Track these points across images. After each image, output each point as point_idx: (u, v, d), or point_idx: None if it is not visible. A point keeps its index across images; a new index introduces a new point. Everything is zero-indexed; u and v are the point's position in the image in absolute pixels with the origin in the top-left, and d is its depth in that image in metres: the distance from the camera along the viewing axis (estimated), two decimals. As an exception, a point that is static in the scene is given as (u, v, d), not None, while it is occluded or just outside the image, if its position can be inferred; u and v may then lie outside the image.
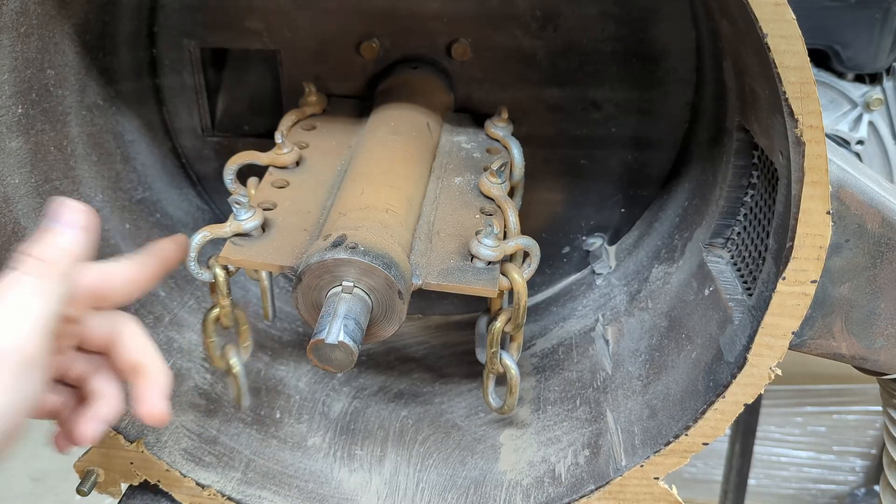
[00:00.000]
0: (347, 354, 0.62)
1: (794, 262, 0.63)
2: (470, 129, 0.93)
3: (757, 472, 1.99)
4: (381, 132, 0.86)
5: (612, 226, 1.05)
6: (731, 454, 1.75)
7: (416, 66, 0.95)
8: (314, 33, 0.95)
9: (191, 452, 0.83)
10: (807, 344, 0.72)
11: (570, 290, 1.06)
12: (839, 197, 0.67)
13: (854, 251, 0.69)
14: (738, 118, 0.77)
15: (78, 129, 0.87)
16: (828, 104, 1.16)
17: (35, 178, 0.79)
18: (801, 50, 0.57)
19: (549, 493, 0.80)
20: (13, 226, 0.76)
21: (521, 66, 0.95)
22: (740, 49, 0.69)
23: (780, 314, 0.66)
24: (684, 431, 0.73)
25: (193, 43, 0.97)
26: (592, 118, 0.97)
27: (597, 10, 0.91)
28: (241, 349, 0.80)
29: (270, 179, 0.82)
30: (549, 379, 0.94)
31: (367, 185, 0.76)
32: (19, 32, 0.74)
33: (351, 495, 0.85)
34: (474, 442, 0.89)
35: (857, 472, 2.01)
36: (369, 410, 0.95)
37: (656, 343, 0.84)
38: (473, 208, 0.79)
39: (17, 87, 0.76)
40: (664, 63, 0.93)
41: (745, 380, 0.69)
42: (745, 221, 0.80)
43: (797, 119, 0.59)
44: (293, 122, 0.91)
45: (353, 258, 0.65)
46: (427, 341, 1.06)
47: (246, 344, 0.80)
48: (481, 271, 0.71)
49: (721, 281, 0.78)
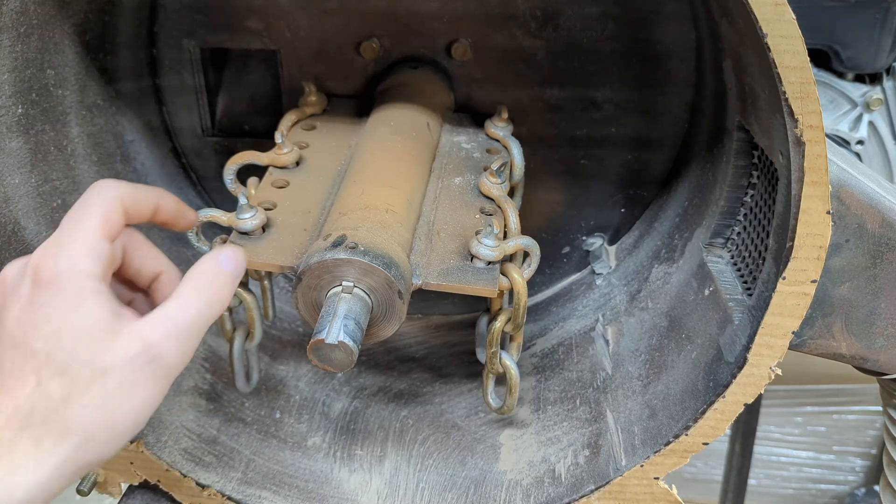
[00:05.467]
0: (347, 354, 0.62)
1: (794, 262, 0.63)
2: (470, 129, 0.93)
3: (757, 472, 1.99)
4: (381, 132, 0.86)
5: (612, 226, 1.05)
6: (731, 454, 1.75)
7: (416, 66, 0.95)
8: (314, 33, 0.95)
9: (191, 452, 0.83)
10: (807, 344, 0.72)
11: (570, 290, 1.06)
12: (839, 197, 0.67)
13: (854, 251, 0.69)
14: (738, 118, 0.77)
15: (78, 129, 0.87)
16: (828, 104, 1.16)
17: (35, 178, 0.79)
18: (801, 50, 0.57)
19: (549, 493, 0.80)
20: (13, 226, 0.76)
21: (521, 66, 0.95)
22: (740, 49, 0.69)
23: (780, 314, 0.66)
24: (684, 431, 0.73)
25: (193, 43, 0.97)
26: (592, 118, 0.97)
27: (597, 10, 0.91)
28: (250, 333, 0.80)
29: (270, 179, 0.82)
30: (549, 379, 0.94)
31: (367, 185, 0.76)
32: (19, 32, 0.74)
33: (351, 495, 0.85)
34: (474, 442, 0.89)
35: (857, 472, 2.01)
36: (369, 410, 0.95)
37: (656, 343, 0.84)
38: (473, 208, 0.79)
39: (17, 87, 0.76)
40: (664, 63, 0.93)
41: (745, 380, 0.69)
42: (745, 221, 0.80)
43: (797, 119, 0.59)
44: (293, 122, 0.91)
45: (353, 258, 0.65)
46: (427, 341, 1.06)
47: (253, 329, 0.80)
48: (481, 271, 0.71)
49: (721, 281, 0.78)
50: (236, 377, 0.81)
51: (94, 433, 0.50)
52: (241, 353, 0.81)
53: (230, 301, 0.60)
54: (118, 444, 0.52)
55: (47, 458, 0.48)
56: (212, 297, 0.56)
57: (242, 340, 0.80)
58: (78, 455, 0.49)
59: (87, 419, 0.50)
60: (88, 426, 0.50)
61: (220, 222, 0.73)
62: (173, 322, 0.53)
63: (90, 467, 0.51)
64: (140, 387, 0.51)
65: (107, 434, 0.51)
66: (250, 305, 0.78)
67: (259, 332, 0.80)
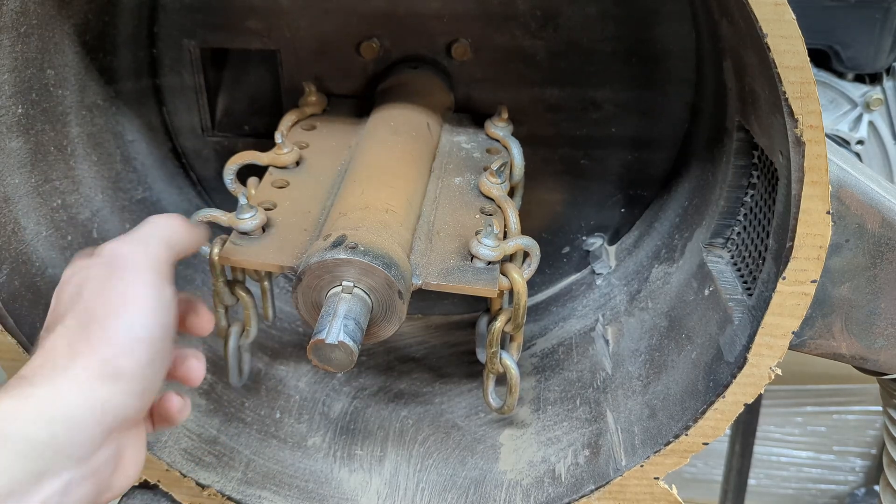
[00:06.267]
0: (347, 354, 0.62)
1: (794, 262, 0.63)
2: (470, 129, 0.93)
3: (757, 472, 1.99)
4: (381, 132, 0.86)
5: (612, 226, 1.05)
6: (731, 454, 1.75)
7: (416, 66, 0.95)
8: (314, 33, 0.95)
9: (191, 452, 0.83)
10: (807, 344, 0.72)
11: (570, 290, 1.06)
12: (839, 197, 0.67)
13: (854, 251, 0.69)
14: (738, 118, 0.77)
15: (78, 129, 0.87)
16: (828, 104, 1.16)
17: (35, 178, 0.79)
18: (801, 50, 0.57)
19: (549, 493, 0.80)
20: (13, 226, 0.76)
21: (521, 66, 0.95)
22: (740, 49, 0.69)
23: (780, 314, 0.66)
24: (684, 431, 0.73)
25: (193, 43, 0.97)
26: (592, 118, 0.97)
27: (597, 10, 0.91)
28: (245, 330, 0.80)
29: (270, 179, 0.82)
30: (549, 379, 0.94)
31: (367, 185, 0.76)
32: (19, 32, 0.74)
33: (351, 495, 0.85)
34: (474, 442, 0.89)
35: (857, 472, 2.01)
36: (369, 410, 0.95)
37: (656, 343, 0.84)
38: (473, 208, 0.79)
39: (17, 87, 0.76)
40: (664, 63, 0.93)
41: (745, 380, 0.69)
42: (745, 221, 0.80)
43: (797, 119, 0.59)
44: (293, 122, 0.91)
45: (352, 258, 0.65)
46: (427, 341, 1.06)
47: (249, 327, 0.80)
48: (481, 271, 0.71)
49: (721, 281, 0.78)
50: (230, 372, 0.82)
51: (94, 341, 0.54)
52: (236, 349, 0.81)
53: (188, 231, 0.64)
54: (126, 343, 0.54)
55: (63, 374, 0.52)
56: (160, 219, 0.63)
57: (238, 337, 0.80)
58: (89, 364, 0.53)
59: (86, 332, 0.54)
60: (90, 336, 0.54)
61: (220, 222, 0.73)
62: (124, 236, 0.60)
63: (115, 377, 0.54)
64: (112, 287, 0.56)
65: (103, 336, 0.54)
66: (247, 303, 0.78)
67: (254, 329, 0.80)
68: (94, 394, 0.52)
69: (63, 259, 0.81)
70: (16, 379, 0.52)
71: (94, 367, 0.53)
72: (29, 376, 0.52)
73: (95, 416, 0.52)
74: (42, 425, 0.50)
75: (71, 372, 0.52)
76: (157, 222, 0.63)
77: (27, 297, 0.76)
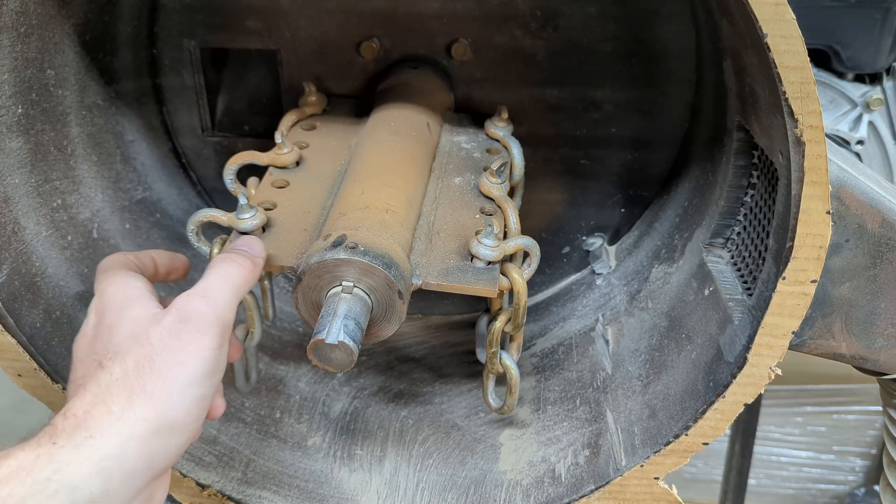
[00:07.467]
0: (347, 354, 0.62)
1: (794, 262, 0.63)
2: (470, 129, 0.93)
3: (757, 472, 1.99)
4: (381, 132, 0.86)
5: (612, 226, 1.05)
6: (731, 454, 1.74)
7: (416, 66, 0.95)
8: (314, 33, 0.95)
9: (191, 452, 0.83)
10: (807, 344, 0.72)
11: (570, 290, 1.06)
12: (839, 197, 0.67)
13: (854, 251, 0.69)
14: (738, 118, 0.77)
15: (78, 129, 0.87)
16: (828, 104, 1.16)
17: (35, 178, 0.79)
18: (801, 50, 0.57)
19: (549, 493, 0.80)
20: (13, 226, 0.76)
21: (521, 66, 0.95)
22: (740, 49, 0.69)
23: (780, 314, 0.66)
24: (684, 431, 0.73)
25: (193, 43, 0.97)
26: (592, 118, 0.97)
27: (597, 9, 0.91)
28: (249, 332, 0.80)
29: (270, 179, 0.82)
30: (549, 379, 0.94)
31: (367, 185, 0.76)
32: (19, 32, 0.74)
33: (351, 495, 0.85)
34: (474, 442, 0.89)
35: (857, 472, 2.01)
36: (369, 410, 0.95)
37: (656, 343, 0.84)
38: (473, 208, 0.79)
39: (17, 87, 0.76)
40: (664, 63, 0.93)
41: (745, 380, 0.69)
42: (745, 221, 0.80)
43: (797, 119, 0.59)
44: (293, 122, 0.91)
45: (352, 258, 0.65)
46: (427, 341, 1.06)
47: (252, 329, 0.80)
48: (481, 271, 0.71)
49: (721, 281, 0.78)
50: (236, 376, 0.81)
51: (154, 391, 0.56)
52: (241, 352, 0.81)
53: (254, 273, 0.66)
54: (184, 398, 0.57)
55: (119, 421, 0.54)
56: (231, 265, 0.64)
57: (242, 340, 0.80)
58: (148, 415, 0.55)
59: (143, 379, 0.56)
60: (146, 384, 0.56)
61: (220, 222, 0.73)
62: (198, 288, 0.62)
63: (170, 431, 0.56)
64: (180, 341, 0.58)
65: (164, 388, 0.56)
66: (250, 305, 0.78)
67: (259, 331, 0.80)
68: (150, 447, 0.55)
69: (63, 259, 0.81)
70: (70, 420, 0.54)
71: (151, 418, 0.55)
72: (83, 418, 0.54)
73: (146, 468, 0.55)
74: (99, 481, 0.52)
75: (127, 420, 0.54)
76: (228, 271, 0.64)
77: (27, 297, 0.76)
